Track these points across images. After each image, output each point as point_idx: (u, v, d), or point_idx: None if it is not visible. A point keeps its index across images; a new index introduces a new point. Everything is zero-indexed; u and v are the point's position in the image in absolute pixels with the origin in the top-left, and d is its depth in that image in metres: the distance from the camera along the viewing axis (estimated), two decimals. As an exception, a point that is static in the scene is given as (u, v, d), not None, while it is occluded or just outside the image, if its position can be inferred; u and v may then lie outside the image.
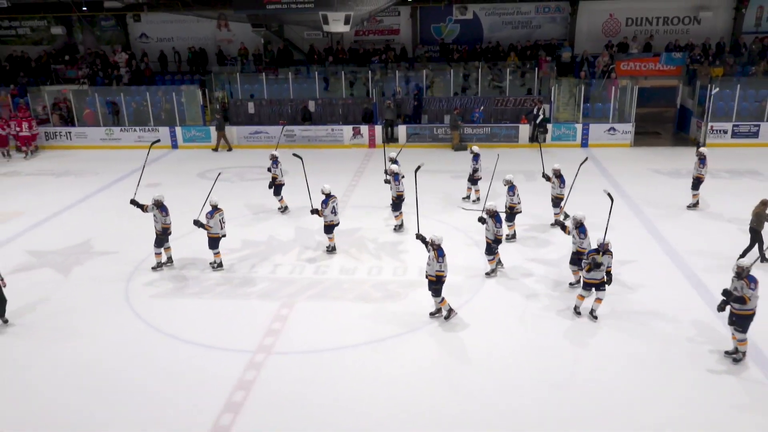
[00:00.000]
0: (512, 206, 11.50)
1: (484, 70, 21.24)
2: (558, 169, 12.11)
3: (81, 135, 21.08)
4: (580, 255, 9.26)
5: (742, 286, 7.45)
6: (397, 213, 12.39)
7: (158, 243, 10.67)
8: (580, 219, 9.40)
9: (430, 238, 8.55)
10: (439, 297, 8.78)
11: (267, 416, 6.96)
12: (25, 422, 6.98)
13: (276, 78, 22.11)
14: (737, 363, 7.68)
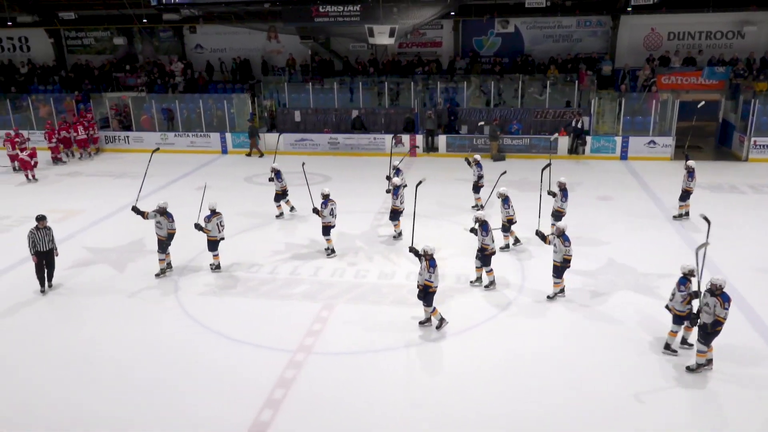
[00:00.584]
0: (509, 218, 11.71)
1: (524, 82, 21.57)
2: (564, 183, 12.26)
3: (138, 139, 22.31)
4: (567, 260, 9.61)
5: (715, 303, 7.53)
6: (395, 222, 12.74)
7: (163, 248, 11.09)
8: (562, 228, 9.69)
9: (422, 249, 8.77)
10: (430, 306, 9.02)
11: (305, 414, 7.34)
12: (73, 407, 7.65)
13: (322, 88, 22.94)
14: (692, 372, 7.88)
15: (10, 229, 13.99)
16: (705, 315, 7.70)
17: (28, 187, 17.56)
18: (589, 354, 8.47)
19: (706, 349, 7.82)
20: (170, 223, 10.90)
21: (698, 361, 7.92)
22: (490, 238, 10.14)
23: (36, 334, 9.32)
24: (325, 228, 11.84)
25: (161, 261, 11.21)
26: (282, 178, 14.01)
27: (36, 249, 10.44)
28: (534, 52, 23.73)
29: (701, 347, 7.83)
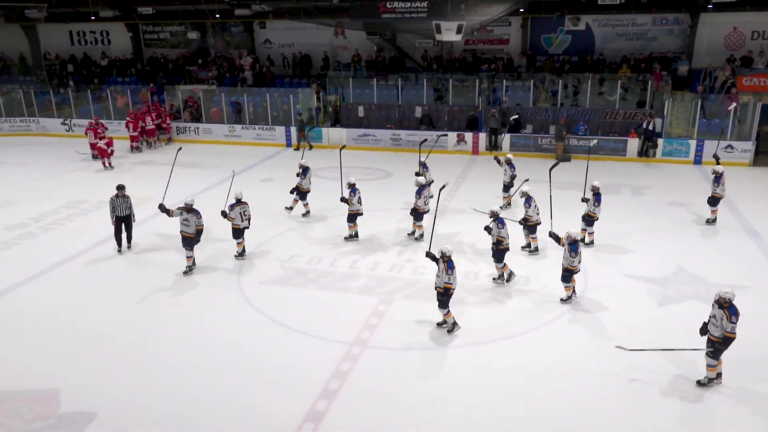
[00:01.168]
0: (527, 218, 11.53)
1: (594, 82, 20.96)
2: (597, 187, 11.84)
3: (207, 131, 23.04)
4: (571, 271, 9.47)
5: (722, 316, 7.26)
6: (419, 223, 12.52)
7: (190, 245, 11.02)
8: (574, 237, 9.42)
9: (440, 251, 8.64)
10: (445, 309, 8.90)
11: (359, 406, 7.43)
12: (136, 387, 8.00)
13: (386, 84, 23.02)
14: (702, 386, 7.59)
15: (87, 213, 14.74)
16: (713, 327, 7.47)
17: (104, 174, 18.45)
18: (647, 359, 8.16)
19: (715, 363, 7.52)
20: (198, 220, 10.89)
21: (708, 375, 7.61)
22: (505, 232, 10.24)
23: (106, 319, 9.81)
24: (352, 215, 12.34)
25: (188, 258, 11.11)
26: (307, 175, 13.79)
27: (116, 214, 11.96)
28: (605, 51, 23.01)
29: (710, 361, 7.53)
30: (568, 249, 9.46)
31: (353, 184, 12.28)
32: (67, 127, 24.35)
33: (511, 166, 14.12)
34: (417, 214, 12.37)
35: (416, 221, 12.48)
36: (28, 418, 7.24)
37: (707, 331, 7.57)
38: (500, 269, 10.54)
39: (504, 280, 10.57)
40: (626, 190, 15.92)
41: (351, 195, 12.20)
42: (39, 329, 9.33)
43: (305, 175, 13.72)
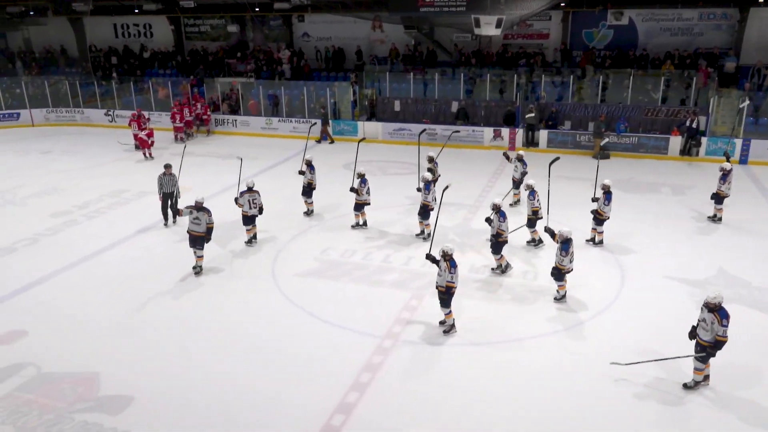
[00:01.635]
0: (535, 210, 11.49)
1: (636, 77, 20.48)
2: (608, 186, 11.59)
3: (244, 123, 23.33)
4: (560, 270, 9.39)
5: (713, 320, 7.11)
6: (426, 222, 12.27)
7: (201, 244, 10.79)
8: (565, 236, 9.30)
9: (441, 250, 8.52)
10: (447, 309, 8.80)
11: (388, 400, 7.48)
12: (171, 373, 8.19)
13: (423, 78, 22.92)
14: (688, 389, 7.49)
15: (128, 202, 15.12)
16: (702, 331, 7.33)
17: (145, 165, 18.87)
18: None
19: (703, 367, 7.37)
20: (209, 218, 10.69)
21: (695, 379, 7.48)
22: (506, 225, 10.38)
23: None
24: (359, 205, 12.67)
25: (200, 258, 10.91)
26: (314, 171, 13.54)
27: (163, 190, 13.03)
28: (649, 46, 22.43)
29: (699, 365, 7.38)
30: (559, 248, 9.39)
31: (363, 175, 12.54)
32: (110, 117, 24.98)
33: (523, 162, 13.85)
34: (425, 211, 12.21)
35: (423, 219, 12.28)
36: (70, 399, 7.50)
37: (696, 335, 7.42)
38: (498, 260, 10.71)
39: (500, 271, 10.74)
40: (667, 190, 15.55)
41: (361, 185, 12.49)
42: (81, 313, 9.63)
43: (313, 171, 13.56)
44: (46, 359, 8.31)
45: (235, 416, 7.23)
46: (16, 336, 8.94)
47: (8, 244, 12.37)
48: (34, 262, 11.55)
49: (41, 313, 9.63)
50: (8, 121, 24.75)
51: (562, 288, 9.74)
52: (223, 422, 7.13)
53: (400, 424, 7.09)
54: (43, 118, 25.32)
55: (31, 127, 24.89)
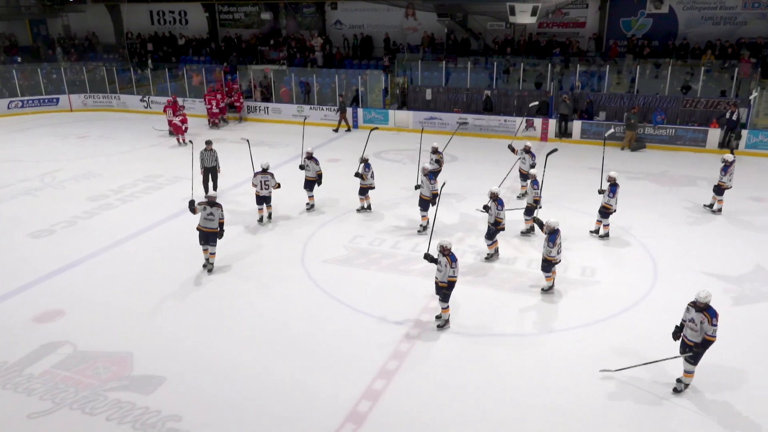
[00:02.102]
0: (537, 200, 11.48)
1: (675, 67, 19.97)
2: (614, 178, 11.36)
3: (276, 110, 23.49)
4: (549, 261, 9.34)
5: (702, 320, 6.89)
6: (425, 213, 12.13)
7: (214, 240, 10.45)
8: (553, 226, 9.21)
9: (439, 245, 8.39)
10: (446, 303, 8.69)
11: (415, 388, 7.51)
12: (202, 357, 8.34)
13: (455, 67, 22.73)
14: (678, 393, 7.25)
15: (162, 187, 15.38)
16: (690, 332, 7.09)
17: (178, 150, 19.16)
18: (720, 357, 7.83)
19: (694, 369, 7.16)
20: (222, 213, 10.42)
21: (686, 382, 7.28)
22: (503, 213, 10.52)
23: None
24: (363, 189, 12.99)
25: (212, 255, 10.60)
26: (318, 164, 13.21)
27: (204, 165, 14.00)
28: (689, 36, 21.85)
29: (690, 367, 7.16)
30: (546, 239, 9.32)
31: (366, 160, 12.89)
32: (145, 103, 25.42)
33: (531, 154, 13.62)
34: (425, 202, 12.01)
35: (423, 211, 12.13)
36: (104, 377, 7.71)
37: (681, 336, 7.21)
38: (491, 247, 10.84)
39: (487, 257, 10.90)
40: (704, 183, 15.16)
41: (366, 170, 12.81)
42: (115, 295, 9.87)
43: (317, 164, 13.20)
44: (81, 338, 8.56)
45: (261, 401, 7.34)
46: (53, 315, 9.22)
47: (47, 226, 12.73)
48: (72, 244, 11.87)
49: (77, 294, 9.90)
50: (48, 105, 25.39)
51: (549, 279, 9.69)
52: (249, 405, 7.25)
53: (424, 411, 7.12)
54: (81, 103, 25.91)
55: (69, 112, 25.51)
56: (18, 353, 8.20)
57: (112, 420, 6.95)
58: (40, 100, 25.27)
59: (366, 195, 13.19)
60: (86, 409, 7.13)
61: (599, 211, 11.71)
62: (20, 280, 10.30)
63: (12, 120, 23.78)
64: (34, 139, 20.75)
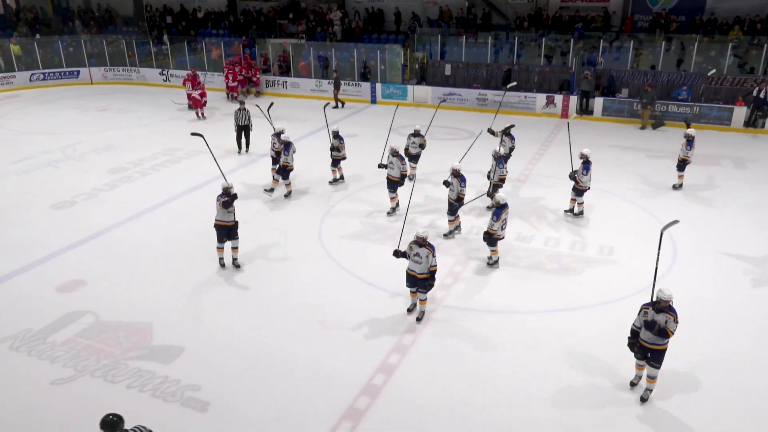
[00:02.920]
0: (502, 178, 11.50)
1: (702, 44, 19.49)
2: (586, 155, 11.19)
3: (294, 85, 23.41)
4: (491, 235, 9.43)
5: (666, 320, 6.38)
6: (393, 195, 11.91)
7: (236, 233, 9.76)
8: (500, 201, 9.33)
9: (417, 236, 7.96)
10: (426, 295, 8.31)
11: (429, 361, 7.58)
12: (221, 328, 8.46)
13: (475, 42, 22.41)
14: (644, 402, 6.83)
15: (181, 160, 15.49)
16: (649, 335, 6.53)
17: (197, 124, 19.23)
18: (743, 347, 7.77)
19: (657, 374, 6.70)
20: None
21: (651, 387, 6.82)
22: (465, 189, 10.44)
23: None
24: (336, 161, 13.30)
25: (236, 249, 9.96)
26: (290, 151, 12.33)
27: (238, 123, 15.60)
28: (717, 11, 21.23)
29: (655, 372, 6.69)
30: (492, 213, 9.36)
31: (337, 132, 13.14)
32: (164, 77, 25.48)
33: (511, 136, 13.07)
34: (392, 183, 11.79)
35: (391, 192, 11.86)
36: (125, 347, 7.87)
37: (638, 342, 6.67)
38: (452, 224, 10.81)
39: (452, 233, 10.88)
40: (727, 162, 14.92)
41: (340, 142, 13.10)
42: (136, 266, 10.03)
43: (288, 152, 12.40)
44: (103, 308, 8.72)
45: (278, 373, 7.44)
46: (76, 285, 9.40)
47: (69, 198, 12.92)
48: (93, 215, 12.04)
49: (99, 265, 10.07)
50: (69, 78, 25.58)
51: (494, 253, 9.74)
52: (266, 377, 7.36)
53: (438, 385, 7.18)
54: (101, 76, 26.06)
55: (89, 85, 25.68)
56: (42, 322, 8.40)
57: (132, 388, 7.12)
58: (61, 73, 25.46)
59: (338, 166, 13.44)
60: (107, 377, 7.30)
61: (573, 188, 11.50)
62: (43, 251, 10.50)
63: (34, 92, 24.03)
64: (55, 112, 20.97)
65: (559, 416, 6.68)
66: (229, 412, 6.77)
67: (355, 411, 6.76)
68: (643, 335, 6.66)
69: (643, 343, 6.65)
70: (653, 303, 6.53)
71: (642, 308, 6.66)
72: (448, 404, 6.88)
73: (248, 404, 6.89)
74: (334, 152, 13.26)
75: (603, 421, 6.63)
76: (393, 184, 11.84)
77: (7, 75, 24.35)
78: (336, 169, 13.54)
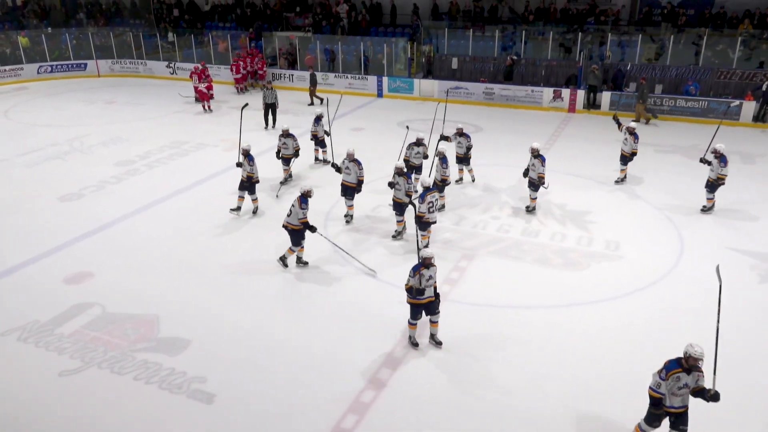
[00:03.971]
0: (444, 179, 11.18)
1: (711, 38, 19.32)
2: (536, 149, 11.14)
3: (301, 78, 23.33)
4: (420, 218, 9.50)
5: (698, 378, 5.60)
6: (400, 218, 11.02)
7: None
8: (423, 183, 9.75)
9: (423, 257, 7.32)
10: None
11: (435, 355, 7.60)
12: (228, 321, 8.50)
13: (482, 35, 22.30)
14: None
15: (188, 153, 15.52)
16: (675, 398, 5.70)
17: (203, 117, 19.26)
18: (750, 343, 7.74)
19: None
20: None
21: None
22: (413, 187, 10.42)
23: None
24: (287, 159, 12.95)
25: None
26: (253, 162, 11.16)
27: (265, 101, 17.28)
28: (727, 4, 21.04)
29: None
30: (419, 196, 9.78)
31: (287, 130, 12.75)
32: (171, 70, 25.49)
33: (466, 136, 12.54)
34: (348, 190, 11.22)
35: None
36: (132, 338, 7.92)
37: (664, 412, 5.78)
38: (400, 224, 10.70)
39: (400, 234, 10.75)
40: (736, 157, 14.79)
41: (286, 142, 12.78)
42: (143, 258, 10.07)
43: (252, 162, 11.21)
44: (110, 300, 8.78)
45: (284, 365, 7.48)
46: (83, 277, 9.46)
47: (76, 190, 12.97)
48: (100, 208, 12.09)
49: (106, 257, 10.12)
50: (76, 71, 25.63)
51: (425, 238, 9.92)
52: (272, 369, 7.40)
53: (444, 378, 7.21)
54: (109, 68, 26.09)
55: (97, 77, 25.74)
56: (49, 313, 8.46)
57: (139, 380, 7.16)
58: (68, 65, 25.51)
59: (289, 165, 13.09)
60: (115, 369, 7.35)
61: (529, 185, 11.40)
62: (51, 243, 10.56)
63: (41, 84, 24.11)
64: (62, 104, 21.03)
65: (565, 411, 6.69)
66: (234, 404, 6.81)
67: (361, 404, 6.78)
68: (670, 401, 5.70)
69: (671, 410, 5.72)
70: (680, 362, 5.62)
71: (670, 373, 5.59)
72: (452, 398, 6.90)
73: (254, 397, 6.93)
74: (285, 151, 12.84)
75: (610, 416, 6.62)
76: (349, 190, 11.07)
77: (15, 67, 24.42)
78: (287, 168, 13.11)
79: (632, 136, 12.48)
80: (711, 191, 11.43)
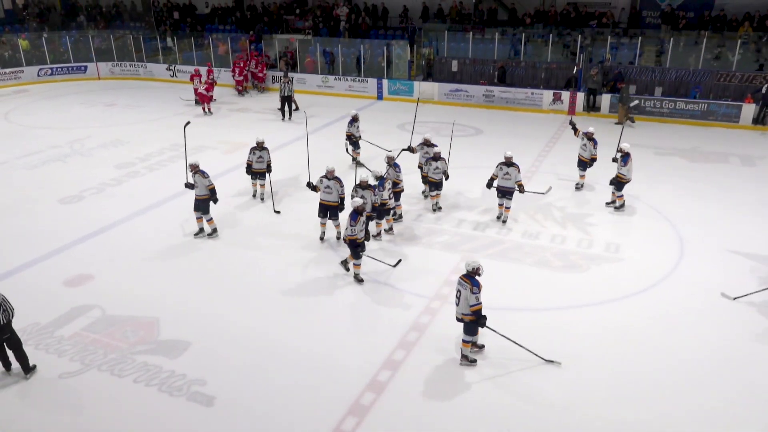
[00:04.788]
0: (396, 182, 11.01)
1: (711, 40, 19.33)
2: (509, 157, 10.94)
3: (301, 80, 23.34)
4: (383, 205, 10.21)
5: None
6: None
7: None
8: (375, 174, 10.22)
9: (469, 266, 7.28)
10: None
11: (433, 357, 7.59)
12: (228, 321, 8.50)
13: (482, 38, 22.32)
14: None
15: (188, 155, 15.45)
16: None
17: (203, 119, 19.25)
18: (750, 345, 7.74)
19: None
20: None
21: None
22: (387, 194, 10.35)
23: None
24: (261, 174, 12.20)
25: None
26: (207, 175, 10.46)
27: (282, 94, 18.72)
28: (727, 7, 21.07)
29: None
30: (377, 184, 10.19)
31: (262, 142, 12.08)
32: (171, 72, 25.51)
33: (432, 145, 11.91)
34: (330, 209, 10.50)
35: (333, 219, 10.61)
36: (132, 341, 7.92)
37: None
38: (380, 226, 10.74)
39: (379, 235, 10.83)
40: (735, 160, 14.83)
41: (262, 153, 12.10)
42: (143, 260, 10.08)
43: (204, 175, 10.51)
44: (110, 302, 8.78)
45: (284, 368, 7.47)
46: (83, 279, 9.46)
47: (76, 193, 12.98)
48: (100, 210, 12.10)
49: (106, 259, 10.12)
50: (76, 73, 25.66)
51: (379, 226, 10.62)
52: (272, 372, 7.40)
53: (443, 380, 7.20)
54: (109, 71, 26.12)
55: (97, 80, 25.76)
56: (49, 315, 8.46)
57: (139, 382, 7.16)
58: (68, 68, 25.54)
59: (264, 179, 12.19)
60: (114, 371, 7.35)
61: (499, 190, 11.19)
62: (51, 245, 10.56)
63: (42, 87, 24.13)
64: (63, 107, 21.05)
65: (564, 413, 6.68)
66: (234, 406, 6.81)
67: (360, 407, 6.78)
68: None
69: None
70: None
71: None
72: (452, 401, 6.89)
73: (254, 399, 6.92)
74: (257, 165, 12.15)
75: (611, 416, 6.62)
76: (332, 209, 10.31)
77: (15, 70, 24.45)
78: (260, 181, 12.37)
79: (591, 142, 12.39)
80: (618, 189, 11.60)
